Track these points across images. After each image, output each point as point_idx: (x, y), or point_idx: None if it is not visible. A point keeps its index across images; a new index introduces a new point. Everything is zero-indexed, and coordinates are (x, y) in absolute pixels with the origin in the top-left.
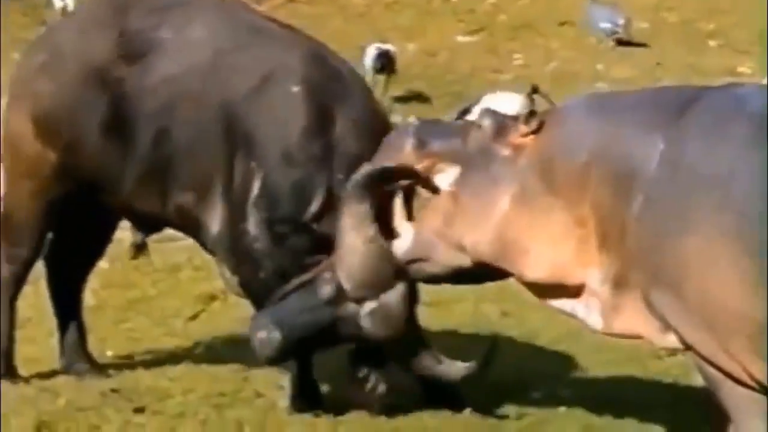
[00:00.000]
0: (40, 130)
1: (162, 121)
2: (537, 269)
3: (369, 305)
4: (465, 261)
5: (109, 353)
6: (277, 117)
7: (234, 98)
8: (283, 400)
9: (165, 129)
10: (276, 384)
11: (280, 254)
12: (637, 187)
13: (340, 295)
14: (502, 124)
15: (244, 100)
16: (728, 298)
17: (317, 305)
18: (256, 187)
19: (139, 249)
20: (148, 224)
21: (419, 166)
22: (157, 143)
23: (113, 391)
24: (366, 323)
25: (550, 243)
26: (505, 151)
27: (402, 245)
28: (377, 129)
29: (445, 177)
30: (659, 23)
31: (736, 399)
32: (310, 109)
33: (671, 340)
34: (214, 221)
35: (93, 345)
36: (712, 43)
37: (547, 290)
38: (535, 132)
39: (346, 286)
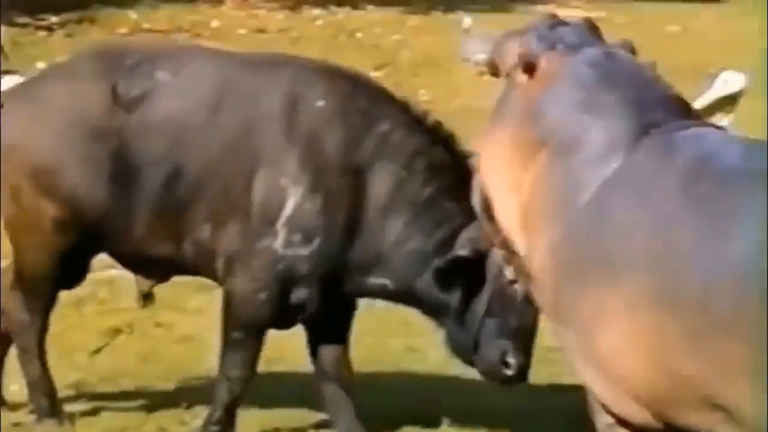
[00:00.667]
0: (36, 184)
1: (172, 161)
2: (500, 210)
3: None
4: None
5: (13, 387)
6: (306, 133)
7: (252, 120)
8: None
9: (176, 168)
10: (179, 419)
11: (302, 278)
12: (563, 215)
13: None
14: (525, 51)
15: (265, 121)
16: (648, 354)
17: (523, 305)
18: (289, 207)
19: (147, 298)
20: (157, 272)
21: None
22: (168, 184)
23: (15, 425)
24: None
25: (503, 195)
26: (517, 83)
27: None
28: (420, 121)
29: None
30: None
31: None
32: (340, 122)
33: None
34: (228, 244)
35: None
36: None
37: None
38: (527, 72)
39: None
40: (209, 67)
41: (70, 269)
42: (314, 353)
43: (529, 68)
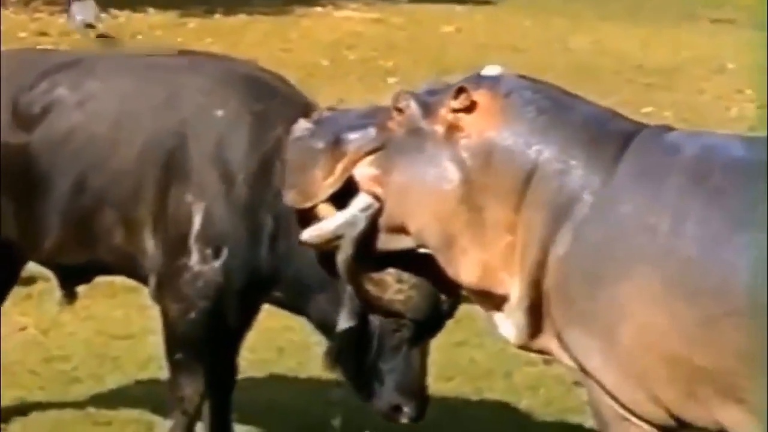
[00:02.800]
0: None
1: (76, 172)
2: (469, 272)
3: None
4: (406, 242)
5: None
6: (206, 145)
7: (153, 133)
8: None
9: (81, 178)
10: None
11: (224, 290)
12: (567, 226)
13: (423, 324)
14: (428, 102)
15: (166, 134)
16: (666, 346)
17: (409, 350)
18: (197, 221)
19: (71, 296)
20: (75, 276)
21: (340, 176)
22: (74, 195)
23: None
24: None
25: (483, 244)
26: (439, 129)
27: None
28: None
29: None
30: (340, 61)
31: None
32: (239, 129)
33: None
34: (147, 258)
35: None
36: (390, 80)
37: (478, 295)
38: (465, 110)
39: (424, 315)
40: (109, 79)
41: None
42: None
43: (472, 104)
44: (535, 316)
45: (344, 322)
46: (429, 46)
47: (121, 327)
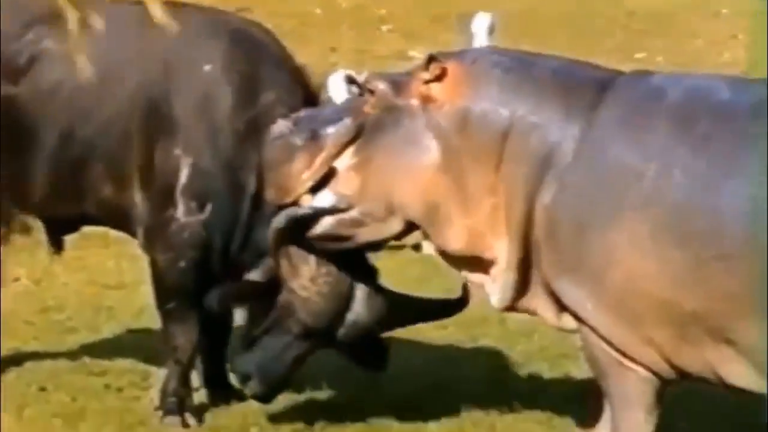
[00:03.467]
0: None
1: (63, 124)
2: (456, 239)
3: (343, 327)
4: (390, 230)
5: None
6: (195, 100)
7: (140, 86)
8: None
9: (68, 130)
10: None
11: (208, 243)
12: (550, 175)
13: (310, 330)
14: (398, 80)
15: (154, 87)
16: (656, 289)
17: (291, 343)
18: (184, 175)
19: (58, 247)
20: (64, 226)
21: (318, 169)
22: (63, 148)
23: None
24: (346, 338)
25: (466, 209)
26: (413, 102)
27: (326, 224)
28: (306, 94)
29: (342, 160)
30: (332, 9)
31: (622, 388)
32: (227, 87)
33: (565, 322)
34: (136, 210)
35: None
36: (384, 27)
37: (465, 262)
38: (437, 79)
39: (313, 323)
40: (96, 30)
41: None
42: None
43: (442, 71)
44: (523, 272)
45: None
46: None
47: (113, 277)
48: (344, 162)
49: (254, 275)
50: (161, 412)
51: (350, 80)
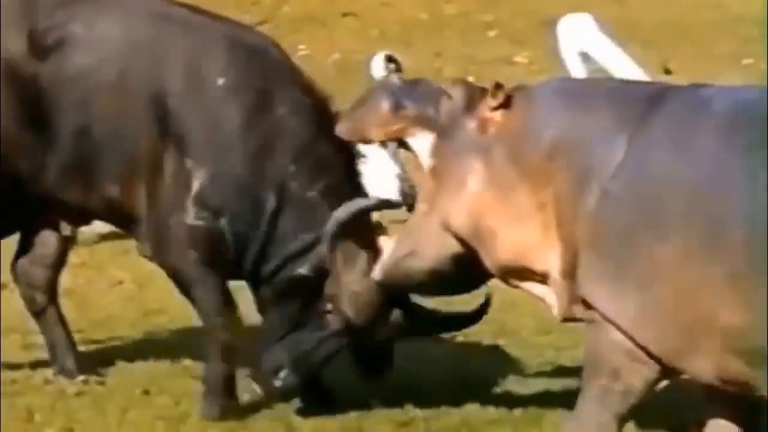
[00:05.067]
0: None
1: (80, 115)
2: (503, 251)
3: (385, 326)
4: (451, 243)
5: None
6: (208, 112)
7: (156, 93)
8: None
9: (83, 123)
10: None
11: (220, 249)
12: (595, 183)
13: (349, 327)
14: (472, 95)
15: (168, 95)
16: (700, 302)
17: (327, 338)
18: (196, 185)
19: (68, 240)
20: (75, 216)
21: (393, 129)
22: (76, 137)
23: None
24: (382, 338)
25: (515, 224)
26: (473, 125)
27: (385, 266)
28: (318, 108)
29: (417, 141)
30: (438, 15)
31: (608, 390)
32: (241, 100)
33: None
34: (140, 214)
35: None
36: (490, 33)
37: (520, 277)
38: (502, 106)
39: (358, 319)
40: (120, 25)
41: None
42: None
43: (507, 99)
44: (573, 279)
45: None
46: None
47: None
48: (424, 152)
49: (302, 270)
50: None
51: (390, 59)
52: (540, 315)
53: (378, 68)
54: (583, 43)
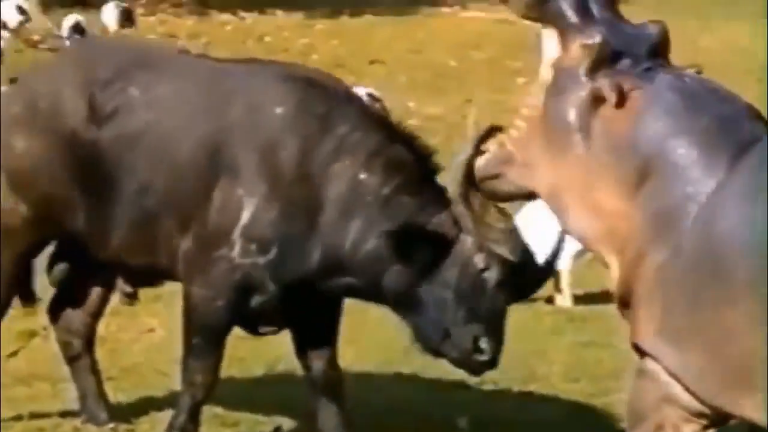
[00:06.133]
0: (11, 183)
1: (142, 174)
2: (574, 227)
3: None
4: (530, 184)
5: None
6: (264, 141)
7: (214, 132)
8: None
9: (146, 180)
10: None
11: (261, 286)
12: (668, 236)
13: (506, 272)
14: (603, 59)
15: (226, 132)
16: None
17: (494, 293)
18: (245, 216)
19: (131, 297)
20: (140, 277)
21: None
22: (140, 196)
23: None
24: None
25: (590, 213)
26: (587, 98)
27: (481, 162)
28: (379, 119)
29: (547, 34)
30: (467, 61)
31: None
32: (297, 129)
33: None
34: (187, 250)
35: None
36: (519, 80)
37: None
38: (617, 105)
39: (513, 256)
40: (178, 80)
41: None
42: (301, 354)
43: (621, 100)
44: (622, 309)
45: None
46: None
47: None
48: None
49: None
50: None
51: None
52: (569, 362)
53: None
54: None
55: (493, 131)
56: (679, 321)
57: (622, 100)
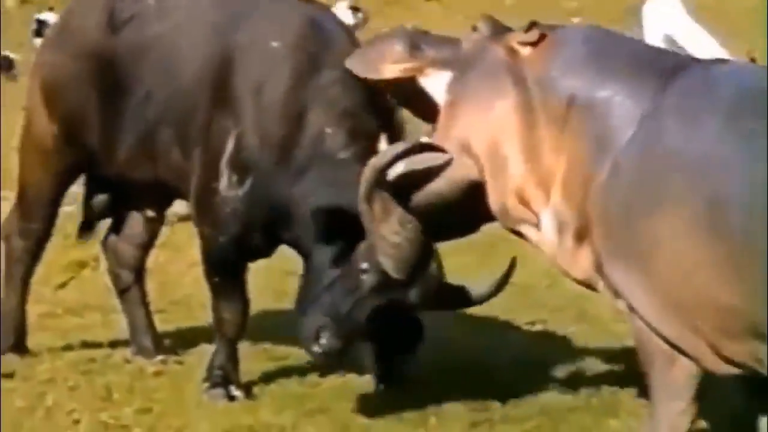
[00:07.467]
0: (45, 102)
1: (146, 85)
2: (511, 182)
3: (419, 283)
4: (469, 153)
5: None
6: (255, 74)
7: (214, 56)
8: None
9: (149, 91)
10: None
11: (246, 218)
12: (609, 153)
13: (387, 282)
14: (500, 28)
15: (225, 58)
16: (696, 281)
17: (363, 297)
18: (230, 146)
19: (155, 221)
20: (152, 197)
21: (408, 67)
22: (143, 107)
23: None
24: (417, 299)
25: (529, 158)
26: (502, 53)
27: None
28: (354, 91)
29: (431, 81)
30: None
31: (666, 378)
32: (289, 65)
33: (620, 304)
34: (192, 184)
35: None
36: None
37: (514, 212)
38: (533, 44)
39: (394, 272)
40: None
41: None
42: None
43: (541, 38)
44: (579, 246)
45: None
46: None
47: (293, 264)
48: (437, 89)
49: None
50: (207, 385)
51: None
52: None
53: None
54: (669, 26)
55: (422, 149)
56: (620, 237)
57: (540, 38)
